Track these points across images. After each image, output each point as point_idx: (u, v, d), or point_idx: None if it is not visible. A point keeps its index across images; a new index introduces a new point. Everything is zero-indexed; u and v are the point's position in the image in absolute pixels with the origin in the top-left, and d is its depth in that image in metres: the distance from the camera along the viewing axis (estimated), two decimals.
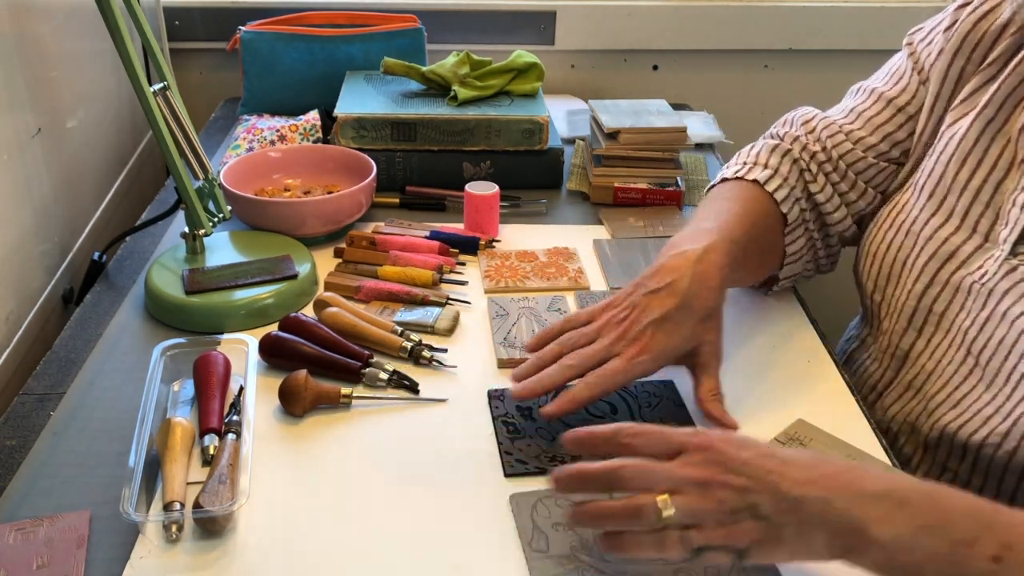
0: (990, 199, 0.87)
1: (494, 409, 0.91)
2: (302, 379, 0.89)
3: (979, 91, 0.91)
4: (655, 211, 1.30)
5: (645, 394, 0.93)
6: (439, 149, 1.33)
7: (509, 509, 0.79)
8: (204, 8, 1.66)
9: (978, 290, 0.86)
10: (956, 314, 0.89)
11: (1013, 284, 0.83)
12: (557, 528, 0.77)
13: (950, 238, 0.90)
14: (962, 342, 0.88)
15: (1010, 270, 0.84)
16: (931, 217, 0.92)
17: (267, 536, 0.76)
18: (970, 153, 0.89)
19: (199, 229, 1.09)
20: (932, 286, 0.91)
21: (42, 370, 0.97)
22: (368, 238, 1.17)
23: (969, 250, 0.89)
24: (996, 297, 0.84)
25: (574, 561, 0.74)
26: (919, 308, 0.93)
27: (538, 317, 1.05)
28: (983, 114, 0.88)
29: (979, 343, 0.86)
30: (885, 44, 1.76)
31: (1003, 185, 0.87)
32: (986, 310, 0.85)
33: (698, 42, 1.76)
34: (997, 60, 0.90)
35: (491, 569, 0.74)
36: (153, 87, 1.04)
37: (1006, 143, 0.87)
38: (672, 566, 0.72)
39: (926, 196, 0.93)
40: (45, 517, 0.77)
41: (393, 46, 1.54)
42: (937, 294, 0.91)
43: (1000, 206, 0.87)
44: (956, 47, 0.93)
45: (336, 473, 0.83)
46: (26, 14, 1.11)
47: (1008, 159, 0.87)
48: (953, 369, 0.89)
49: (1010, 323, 0.83)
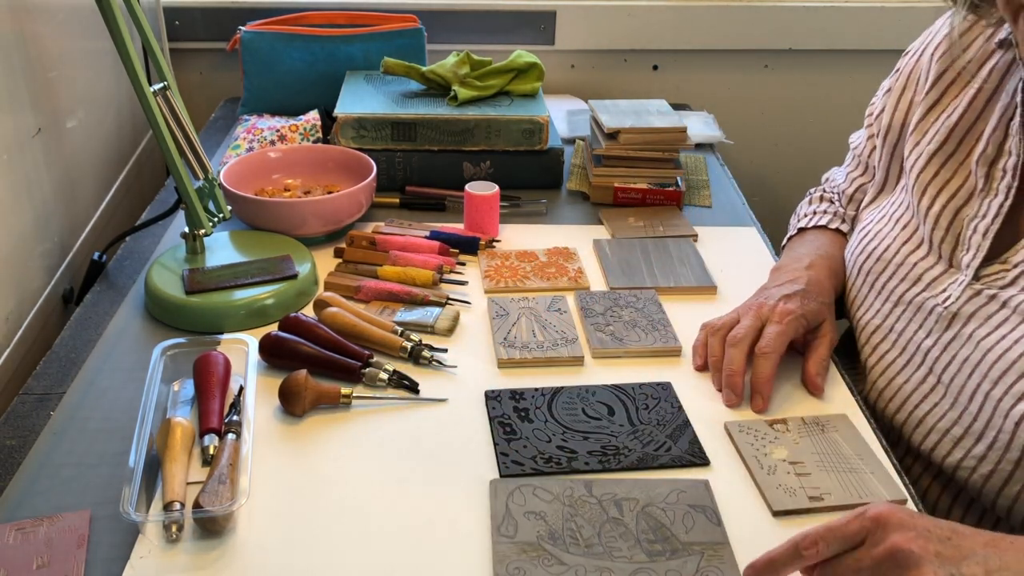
0: (949, 225, 0.91)
1: (491, 410, 0.91)
2: (302, 379, 0.89)
3: (926, 118, 0.97)
4: (655, 211, 1.30)
5: (643, 396, 0.93)
6: (439, 149, 1.33)
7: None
8: (204, 8, 1.66)
9: (941, 312, 0.89)
10: (915, 332, 0.92)
11: (978, 308, 0.86)
12: (529, 517, 0.77)
13: (919, 263, 0.93)
14: (922, 361, 0.90)
15: (974, 294, 0.87)
16: (903, 245, 0.96)
17: (267, 536, 0.77)
18: (930, 184, 0.93)
19: (199, 229, 1.09)
20: (897, 306, 0.94)
21: (42, 370, 0.97)
22: (368, 238, 1.17)
23: (935, 274, 0.92)
24: (961, 320, 0.87)
25: (538, 549, 0.75)
26: (881, 327, 0.96)
27: (538, 317, 1.05)
28: (943, 148, 0.93)
29: (942, 362, 0.88)
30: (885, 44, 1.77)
31: (962, 212, 0.90)
32: (950, 331, 0.88)
33: (698, 42, 1.76)
34: (937, 85, 0.96)
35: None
36: (153, 87, 1.04)
37: (967, 174, 0.91)
38: (633, 564, 0.73)
39: (900, 226, 0.97)
40: (45, 517, 0.77)
41: (393, 46, 1.54)
42: (900, 313, 0.94)
43: (959, 232, 0.90)
44: (902, 86, 1.03)
45: (336, 473, 0.83)
46: (26, 14, 1.11)
47: (969, 188, 0.90)
48: (912, 387, 0.91)
49: (975, 344, 0.85)
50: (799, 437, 0.88)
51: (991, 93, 0.91)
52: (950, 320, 0.88)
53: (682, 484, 0.82)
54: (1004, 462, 0.81)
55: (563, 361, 0.98)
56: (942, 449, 0.87)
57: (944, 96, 0.96)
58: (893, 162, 1.04)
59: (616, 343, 1.01)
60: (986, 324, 0.85)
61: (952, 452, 0.86)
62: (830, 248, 1.08)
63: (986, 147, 0.89)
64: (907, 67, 1.03)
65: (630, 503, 0.79)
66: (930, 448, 0.89)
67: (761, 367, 0.92)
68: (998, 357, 0.82)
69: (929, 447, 0.89)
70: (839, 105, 1.85)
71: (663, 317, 1.05)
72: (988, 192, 0.88)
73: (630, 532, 0.77)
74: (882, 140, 1.05)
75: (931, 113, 0.96)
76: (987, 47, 0.93)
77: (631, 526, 0.77)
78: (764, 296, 0.99)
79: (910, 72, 1.02)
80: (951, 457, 0.86)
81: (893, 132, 1.03)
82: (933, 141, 0.94)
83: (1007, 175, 0.86)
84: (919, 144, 0.97)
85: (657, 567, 0.73)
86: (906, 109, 1.02)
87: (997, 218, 0.86)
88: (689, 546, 0.75)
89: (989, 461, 0.83)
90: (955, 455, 0.86)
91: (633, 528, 0.77)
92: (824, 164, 1.30)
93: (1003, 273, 0.85)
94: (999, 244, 0.87)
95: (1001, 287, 0.85)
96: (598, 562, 0.74)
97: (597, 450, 0.86)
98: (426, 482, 0.82)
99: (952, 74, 0.95)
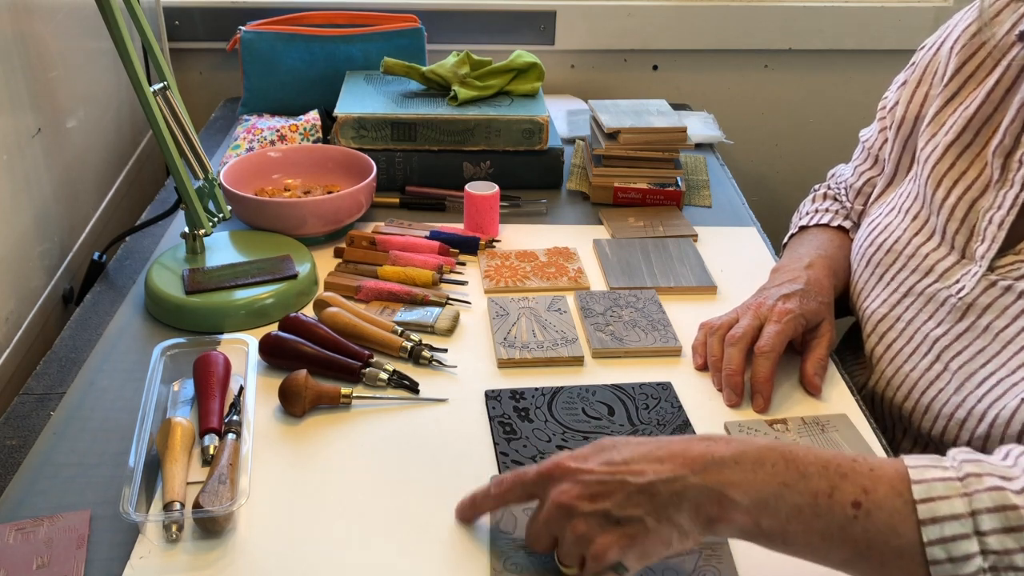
0: (964, 216, 0.91)
1: (491, 409, 0.91)
2: (302, 379, 0.89)
3: (943, 110, 0.96)
4: (655, 211, 1.30)
5: (643, 396, 0.93)
6: (439, 149, 1.33)
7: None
8: (204, 8, 1.66)
9: (954, 303, 0.89)
10: (924, 322, 0.92)
11: (993, 299, 0.86)
12: (527, 512, 0.77)
13: (931, 254, 0.94)
14: (929, 349, 0.91)
15: (989, 285, 0.87)
16: (914, 236, 0.96)
17: (267, 536, 0.77)
18: (945, 175, 0.93)
19: (199, 229, 1.09)
20: (907, 296, 0.95)
21: (42, 370, 0.97)
22: (368, 238, 1.17)
23: (947, 265, 0.92)
24: (976, 311, 0.87)
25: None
26: (887, 316, 0.96)
27: (538, 317, 1.05)
28: (959, 139, 0.93)
29: (952, 351, 0.89)
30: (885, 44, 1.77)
31: (978, 204, 0.90)
32: (964, 322, 0.88)
33: (698, 42, 1.76)
34: (956, 77, 0.96)
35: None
36: (153, 87, 1.04)
37: (983, 166, 0.91)
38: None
39: (911, 218, 0.98)
40: (45, 517, 0.77)
41: (393, 46, 1.54)
42: (910, 304, 0.94)
43: (974, 223, 0.90)
44: (918, 79, 1.03)
45: (336, 473, 0.83)
46: (26, 14, 1.11)
47: (985, 179, 0.91)
48: (918, 374, 0.92)
49: (993, 335, 0.86)
50: (799, 437, 0.88)
51: (1010, 85, 0.91)
52: (964, 311, 0.88)
53: None
54: (1006, 439, 0.83)
55: (563, 361, 0.98)
56: (950, 434, 0.88)
57: (963, 89, 0.95)
58: (904, 155, 1.04)
59: (616, 343, 1.01)
60: (1003, 315, 0.85)
61: (959, 435, 0.87)
62: (831, 247, 1.09)
63: (1003, 138, 0.88)
64: (924, 60, 1.03)
65: None
66: (939, 434, 0.89)
67: (760, 367, 0.92)
68: (1020, 348, 0.83)
69: (938, 433, 0.90)
70: (839, 105, 1.85)
71: (663, 317, 1.05)
72: (1004, 183, 0.88)
73: None
74: (895, 132, 1.05)
75: (949, 105, 0.96)
76: (1007, 40, 0.92)
77: None
78: (763, 296, 0.99)
79: (927, 65, 1.02)
80: (959, 441, 0.88)
81: (907, 124, 1.03)
82: (950, 133, 0.94)
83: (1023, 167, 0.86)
84: (935, 136, 0.96)
85: (655, 565, 0.73)
86: (921, 102, 1.02)
87: (1013, 209, 0.86)
88: None
89: (992, 440, 0.84)
90: (962, 437, 0.87)
91: None
92: (824, 164, 1.30)
93: (1018, 264, 0.85)
94: (1014, 235, 0.87)
95: (1016, 278, 0.85)
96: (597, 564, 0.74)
97: None
98: (426, 482, 0.82)
99: (971, 67, 0.95)
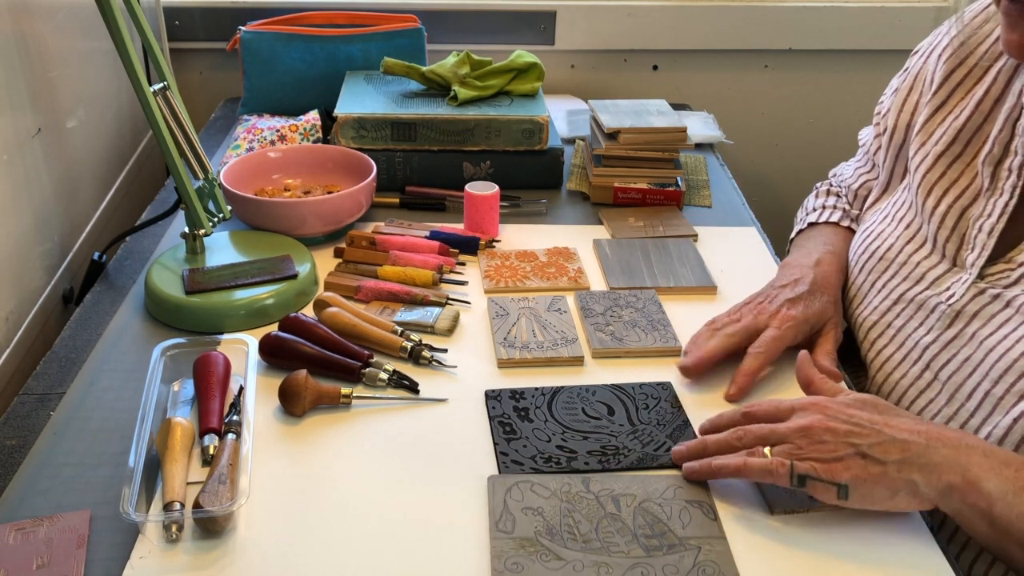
0: (955, 224, 0.91)
1: (491, 409, 0.91)
2: (302, 379, 0.89)
3: (932, 119, 0.97)
4: (655, 211, 1.30)
5: (643, 395, 0.93)
6: (439, 149, 1.33)
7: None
8: (204, 8, 1.66)
9: (944, 310, 0.89)
10: (914, 330, 0.92)
11: (981, 307, 0.86)
12: (527, 512, 0.78)
13: (922, 262, 0.94)
14: (919, 357, 0.91)
15: (978, 293, 0.87)
16: (907, 244, 0.97)
17: (267, 536, 0.77)
18: (936, 183, 0.94)
19: (199, 229, 1.09)
20: (897, 304, 0.95)
21: (42, 370, 0.97)
22: (368, 238, 1.17)
23: (939, 273, 0.92)
24: (964, 319, 0.87)
25: (535, 545, 0.75)
26: (878, 323, 0.97)
27: (538, 317, 1.05)
28: (950, 150, 0.94)
29: (941, 360, 0.89)
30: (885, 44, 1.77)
31: (968, 212, 0.91)
32: (952, 330, 0.88)
33: (698, 42, 1.76)
34: (944, 86, 0.97)
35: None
36: (153, 87, 1.04)
37: (974, 175, 0.91)
38: (630, 559, 0.73)
39: (903, 226, 0.98)
40: (45, 517, 0.77)
41: (393, 46, 1.54)
42: (900, 311, 0.94)
43: (964, 231, 0.90)
44: (909, 86, 1.04)
45: (336, 473, 0.83)
46: (26, 14, 1.11)
47: (975, 188, 0.91)
48: (908, 382, 0.92)
49: (978, 343, 0.85)
50: None
51: (998, 95, 0.91)
52: (953, 318, 0.88)
53: (679, 480, 0.82)
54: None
55: (563, 361, 0.98)
56: None
57: (951, 98, 0.96)
58: (897, 163, 1.05)
59: (616, 343, 1.01)
60: (989, 323, 0.85)
61: None
62: (840, 244, 1.09)
63: (992, 147, 0.89)
64: (915, 67, 1.04)
65: (627, 499, 0.80)
66: None
67: (747, 363, 0.94)
68: (1000, 356, 0.82)
69: None
70: (839, 105, 1.85)
71: (663, 317, 1.05)
72: (994, 192, 0.89)
73: (627, 527, 0.77)
74: (888, 140, 1.06)
75: (937, 115, 0.97)
76: (995, 49, 0.93)
77: (628, 521, 0.77)
78: (768, 297, 1.00)
79: (917, 73, 1.03)
80: None
81: (899, 133, 1.04)
82: (940, 142, 0.95)
83: (1012, 175, 0.87)
84: (925, 145, 0.97)
85: (654, 562, 0.73)
86: (911, 110, 1.02)
87: (1002, 217, 0.87)
88: (686, 541, 0.75)
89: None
90: None
91: (630, 523, 0.77)
92: (824, 164, 1.30)
93: (1008, 272, 0.86)
94: (1004, 244, 0.87)
95: (1005, 286, 0.85)
96: (595, 557, 0.74)
97: (597, 450, 0.86)
98: (426, 482, 0.82)
99: (959, 76, 0.96)
